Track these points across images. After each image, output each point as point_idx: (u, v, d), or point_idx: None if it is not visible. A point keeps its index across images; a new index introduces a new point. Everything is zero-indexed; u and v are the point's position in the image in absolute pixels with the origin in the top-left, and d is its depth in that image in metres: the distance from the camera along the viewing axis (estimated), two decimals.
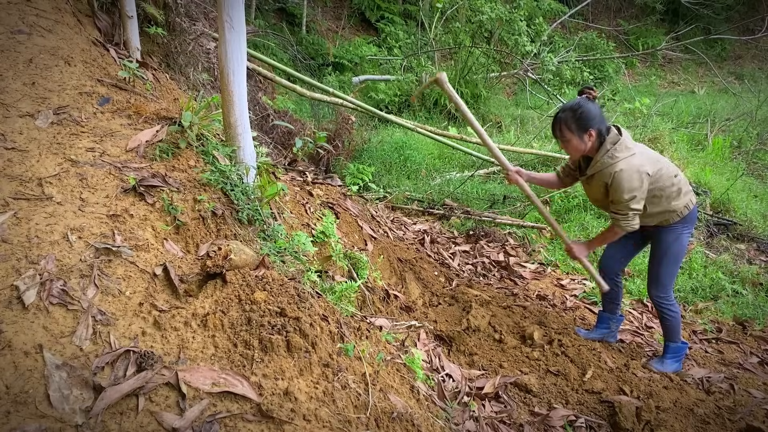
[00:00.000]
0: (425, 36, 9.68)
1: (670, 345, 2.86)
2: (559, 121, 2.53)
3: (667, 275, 2.73)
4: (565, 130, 2.52)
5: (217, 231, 2.11)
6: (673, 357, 2.86)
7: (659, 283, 2.75)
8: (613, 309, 3.09)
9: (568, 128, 2.50)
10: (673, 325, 2.81)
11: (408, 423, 1.76)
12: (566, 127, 2.51)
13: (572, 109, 2.50)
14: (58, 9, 2.80)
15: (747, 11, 13.50)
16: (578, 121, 2.47)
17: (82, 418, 1.22)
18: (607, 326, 3.09)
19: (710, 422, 2.41)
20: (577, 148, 2.54)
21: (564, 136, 2.53)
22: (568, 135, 2.52)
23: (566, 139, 2.54)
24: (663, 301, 2.77)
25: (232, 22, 2.18)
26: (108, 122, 2.28)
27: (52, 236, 1.63)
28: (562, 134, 2.54)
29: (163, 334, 1.53)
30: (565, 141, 2.55)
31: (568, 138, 2.53)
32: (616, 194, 2.49)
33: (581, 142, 2.51)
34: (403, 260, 3.67)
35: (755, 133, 7.34)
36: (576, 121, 2.48)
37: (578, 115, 2.47)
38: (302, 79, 5.19)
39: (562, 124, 2.52)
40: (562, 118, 2.52)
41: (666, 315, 2.79)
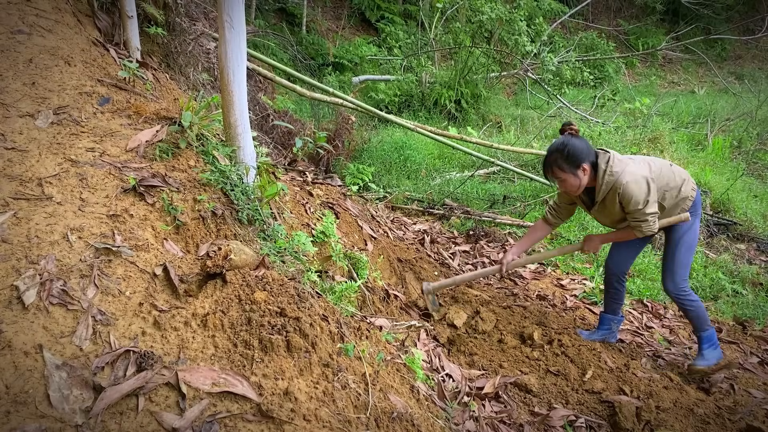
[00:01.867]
0: (425, 36, 9.69)
1: (702, 335, 2.82)
2: (550, 165, 2.56)
3: (682, 265, 2.74)
4: (558, 171, 2.55)
5: (217, 231, 2.11)
6: (709, 346, 2.82)
7: (675, 275, 2.74)
8: (615, 310, 3.09)
9: (560, 169, 2.54)
10: (699, 314, 2.78)
11: (408, 423, 1.76)
12: (558, 168, 2.54)
13: (559, 149, 2.53)
14: (58, 9, 2.79)
15: (747, 11, 13.50)
16: (568, 160, 2.51)
17: (82, 418, 1.22)
18: (608, 327, 3.09)
19: (710, 422, 2.41)
20: (575, 184, 2.56)
21: (558, 176, 2.57)
22: (562, 175, 2.55)
23: (562, 179, 2.57)
24: (681, 293, 2.76)
25: (232, 22, 2.18)
26: (108, 122, 2.28)
27: (52, 236, 1.63)
28: (556, 176, 2.57)
29: (163, 334, 1.53)
30: (561, 181, 2.58)
31: (563, 178, 2.56)
32: (631, 205, 2.51)
33: (577, 179, 2.54)
34: (403, 260, 3.67)
35: (755, 133, 7.35)
36: (566, 160, 2.51)
37: (566, 153, 2.50)
38: (302, 79, 5.19)
39: (554, 167, 2.55)
40: (552, 161, 2.55)
41: (688, 307, 2.77)
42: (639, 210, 2.51)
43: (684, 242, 2.71)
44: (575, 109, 8.21)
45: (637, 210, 2.51)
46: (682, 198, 2.65)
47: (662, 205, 2.62)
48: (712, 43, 12.87)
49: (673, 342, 3.36)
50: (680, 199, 2.65)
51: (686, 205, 2.67)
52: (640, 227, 2.58)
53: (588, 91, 10.05)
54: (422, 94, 8.27)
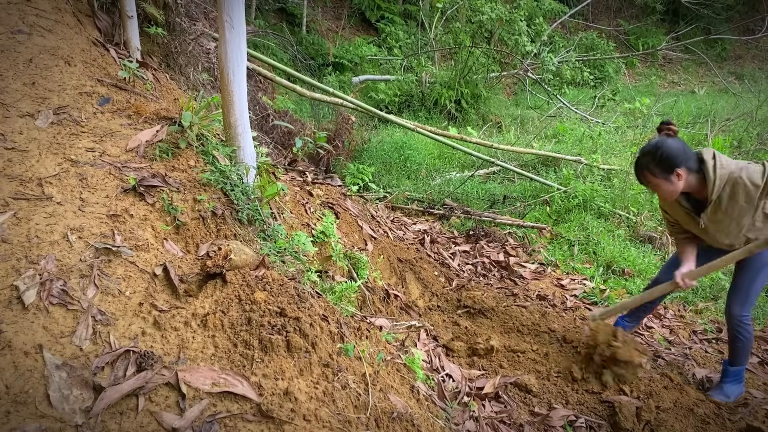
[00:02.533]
0: (425, 36, 9.69)
1: (732, 369, 2.62)
2: (641, 168, 2.31)
3: (755, 294, 2.49)
4: (650, 177, 2.29)
5: (217, 231, 2.11)
6: (734, 380, 2.64)
7: (745, 301, 2.49)
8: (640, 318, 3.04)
9: (652, 174, 2.27)
10: (747, 348, 2.56)
11: (408, 423, 1.76)
12: (650, 173, 2.28)
13: (651, 152, 2.26)
14: (58, 9, 2.79)
15: (747, 11, 13.50)
16: (661, 164, 2.24)
17: (82, 418, 1.22)
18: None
19: (710, 422, 2.41)
20: (669, 190, 2.30)
21: (651, 182, 2.31)
22: (654, 180, 2.29)
23: (654, 184, 2.31)
24: (744, 320, 2.52)
25: (232, 22, 2.18)
26: (108, 122, 2.28)
27: (52, 236, 1.63)
28: (648, 181, 2.32)
29: (163, 334, 1.53)
30: (654, 186, 2.32)
31: (655, 183, 2.29)
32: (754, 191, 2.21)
33: (671, 184, 2.27)
34: (403, 260, 3.67)
35: (755, 133, 7.34)
36: (659, 164, 2.24)
37: (659, 157, 2.23)
38: (302, 79, 5.20)
39: (646, 171, 2.29)
40: (643, 164, 2.29)
41: (742, 336, 2.55)
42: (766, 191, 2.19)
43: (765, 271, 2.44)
44: (575, 109, 8.21)
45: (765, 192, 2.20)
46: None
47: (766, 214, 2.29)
48: (712, 43, 12.87)
49: (673, 342, 3.36)
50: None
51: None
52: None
53: (588, 91, 10.06)
54: (422, 94, 8.27)
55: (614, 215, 5.10)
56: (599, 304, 3.81)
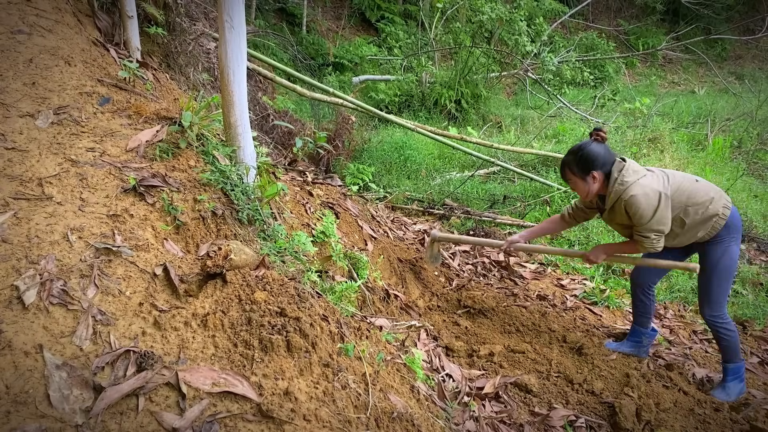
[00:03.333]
0: (425, 36, 9.69)
1: (729, 367, 2.67)
2: (564, 164, 2.58)
3: (720, 292, 2.59)
4: (568, 173, 2.57)
5: (217, 231, 2.11)
6: (734, 379, 2.68)
7: (711, 301, 2.60)
8: (644, 322, 2.97)
9: (571, 171, 2.55)
10: (732, 345, 2.64)
11: (408, 423, 1.76)
12: (569, 170, 2.56)
13: (574, 152, 2.54)
14: (58, 9, 2.80)
15: (747, 11, 13.50)
16: (580, 164, 2.50)
17: (82, 418, 1.22)
18: (639, 339, 2.97)
19: (710, 422, 2.41)
20: (583, 189, 2.56)
21: (570, 179, 2.59)
22: (573, 178, 2.57)
23: (571, 181, 2.59)
24: (717, 320, 2.61)
25: (232, 22, 2.18)
26: (108, 122, 2.28)
27: (52, 236, 1.63)
28: (568, 178, 2.60)
29: (163, 334, 1.53)
30: (571, 182, 2.60)
31: (573, 180, 2.58)
32: (636, 218, 2.45)
33: (586, 184, 2.54)
34: (403, 260, 3.67)
35: (755, 133, 7.34)
36: (577, 163, 2.51)
37: (579, 157, 2.50)
38: (302, 79, 5.19)
39: (566, 167, 2.57)
40: (566, 162, 2.57)
41: (723, 335, 2.63)
42: (643, 224, 2.45)
43: (720, 267, 2.55)
44: (575, 109, 8.21)
45: (642, 224, 2.45)
46: (710, 215, 2.48)
47: (684, 220, 2.50)
48: (712, 43, 12.87)
49: (673, 342, 3.36)
50: (707, 217, 2.48)
51: (718, 224, 2.49)
52: (642, 243, 2.52)
53: (588, 91, 10.05)
54: (422, 94, 8.27)
55: None
56: (599, 304, 3.81)
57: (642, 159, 6.17)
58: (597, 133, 2.57)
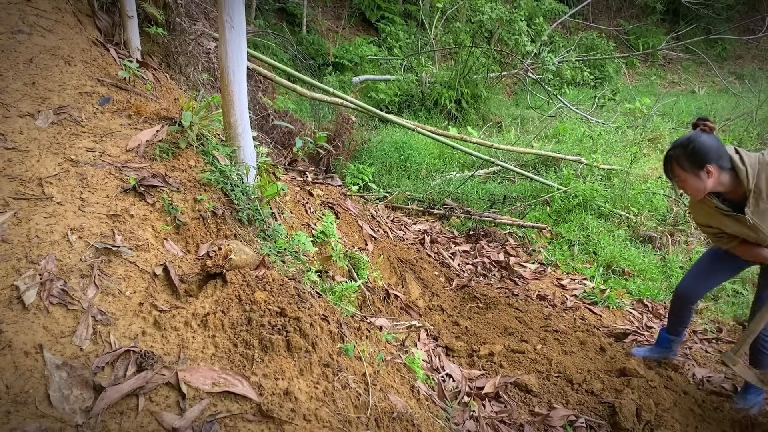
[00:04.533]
0: (425, 36, 9.69)
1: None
2: (670, 159, 2.22)
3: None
4: (677, 169, 2.19)
5: (217, 231, 2.11)
6: (756, 391, 2.57)
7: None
8: (680, 332, 2.85)
9: (680, 167, 2.18)
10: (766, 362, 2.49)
11: (408, 423, 1.76)
12: (678, 165, 2.18)
13: (683, 145, 2.17)
14: (58, 9, 2.79)
15: (747, 11, 13.49)
16: (691, 158, 2.14)
17: (82, 418, 1.22)
18: (668, 347, 2.87)
19: (710, 422, 2.41)
20: (696, 187, 2.19)
21: (678, 175, 2.21)
22: (682, 174, 2.19)
23: (681, 179, 2.21)
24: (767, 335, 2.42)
25: (233, 22, 2.18)
26: (108, 122, 2.28)
27: (52, 236, 1.63)
28: (675, 174, 2.22)
29: (163, 334, 1.53)
30: (681, 181, 2.22)
31: (683, 177, 2.20)
32: None
33: (699, 181, 2.16)
34: (403, 260, 3.67)
35: (755, 133, 7.34)
36: (688, 158, 2.14)
37: (690, 150, 2.14)
38: (302, 79, 5.20)
39: (674, 163, 2.20)
40: (673, 156, 2.20)
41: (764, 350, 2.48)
42: None
43: None
44: (575, 109, 8.21)
45: None
46: None
47: None
48: (712, 43, 12.86)
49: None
50: None
51: None
52: None
53: (588, 91, 10.05)
54: (422, 94, 8.27)
55: (614, 215, 5.10)
56: (599, 304, 3.81)
57: (642, 159, 6.17)
58: (704, 123, 2.21)
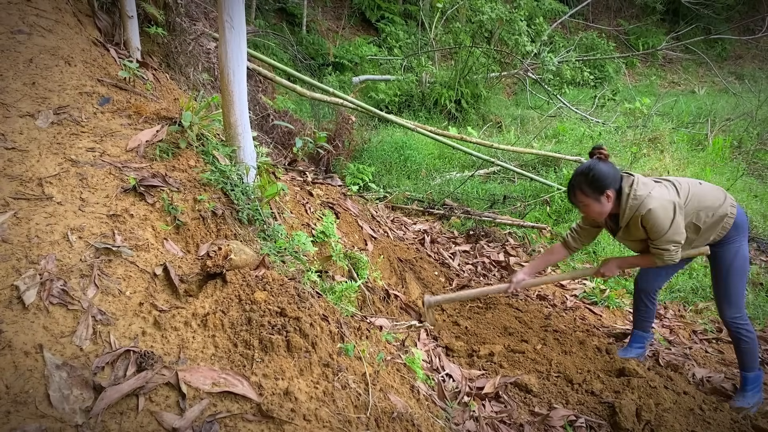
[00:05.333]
0: (425, 36, 9.69)
1: (749, 376, 2.61)
2: (573, 187, 2.46)
3: (738, 293, 2.53)
4: (581, 196, 2.44)
5: (217, 231, 2.11)
6: (753, 388, 2.61)
7: (731, 302, 2.54)
8: (647, 327, 2.96)
9: (583, 193, 2.42)
10: (752, 350, 2.58)
11: (408, 423, 1.76)
12: (581, 192, 2.43)
13: (584, 173, 2.41)
14: (58, 9, 2.80)
15: (747, 11, 13.50)
16: (592, 185, 2.39)
17: (82, 418, 1.22)
18: (642, 345, 2.96)
19: (711, 422, 2.41)
20: (598, 211, 2.45)
21: (581, 201, 2.46)
22: (585, 200, 2.44)
23: (585, 204, 2.46)
24: (738, 321, 2.55)
25: (233, 22, 2.18)
26: (108, 122, 2.28)
27: (52, 236, 1.63)
28: (578, 200, 2.46)
29: (163, 334, 1.53)
30: (585, 206, 2.47)
31: (586, 203, 2.44)
32: (654, 232, 2.38)
33: (600, 205, 2.42)
34: (403, 260, 3.67)
35: (755, 133, 7.34)
36: (590, 185, 2.39)
37: (590, 178, 2.39)
38: (302, 79, 5.20)
39: (577, 191, 2.44)
40: (575, 184, 2.44)
41: (743, 337, 2.56)
42: (662, 237, 2.38)
43: (734, 267, 2.51)
44: (575, 109, 8.21)
45: (659, 237, 2.38)
46: (720, 216, 2.45)
47: (697, 225, 2.45)
48: (712, 43, 12.87)
49: (673, 342, 3.36)
50: (718, 218, 2.45)
51: (727, 224, 2.47)
52: (662, 256, 2.45)
53: (588, 91, 10.06)
54: (422, 94, 8.27)
55: None
56: (599, 303, 3.82)
57: (642, 159, 6.18)
58: (599, 152, 2.46)
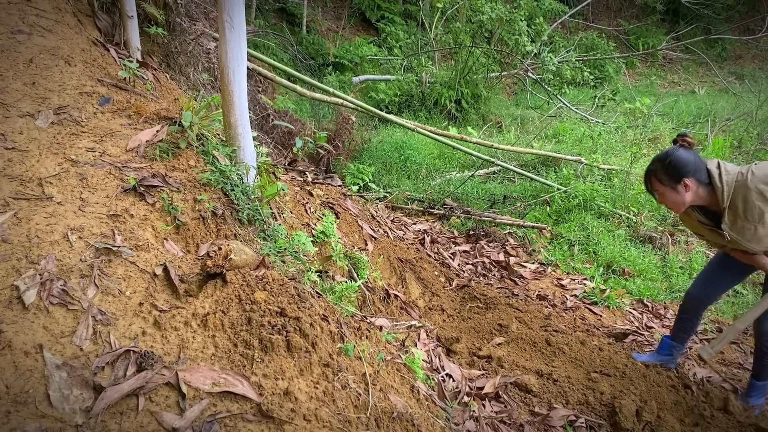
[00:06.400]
0: (425, 36, 9.69)
1: (757, 384, 2.59)
2: (649, 173, 2.32)
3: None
4: (656, 183, 2.30)
5: (217, 231, 2.11)
6: (758, 395, 2.61)
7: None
8: (684, 339, 2.84)
9: (659, 181, 2.28)
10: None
11: (408, 423, 1.76)
12: (657, 179, 2.28)
13: (660, 160, 2.28)
14: (58, 9, 2.80)
15: (747, 11, 13.49)
16: (668, 171, 2.23)
17: (82, 418, 1.22)
18: (669, 353, 2.84)
19: (711, 423, 2.41)
20: (675, 201, 2.28)
21: (657, 189, 2.31)
22: (660, 188, 2.29)
23: (660, 193, 2.31)
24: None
25: (233, 22, 2.18)
26: (108, 122, 2.28)
27: (52, 236, 1.63)
28: (654, 188, 2.32)
29: (163, 334, 1.53)
30: (660, 194, 2.32)
31: (661, 191, 2.30)
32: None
33: (677, 194, 2.25)
34: (403, 260, 3.67)
35: (755, 133, 7.34)
36: (666, 171, 2.24)
37: (667, 164, 2.24)
38: (302, 79, 5.20)
39: (653, 177, 2.30)
40: (652, 171, 2.30)
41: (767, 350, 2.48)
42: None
43: None
44: (575, 109, 8.21)
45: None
46: None
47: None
48: (712, 43, 12.86)
49: None
50: None
51: None
52: None
53: (588, 91, 10.05)
54: (422, 94, 8.27)
55: (614, 215, 5.10)
56: (599, 304, 3.81)
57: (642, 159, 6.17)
58: (683, 139, 2.30)
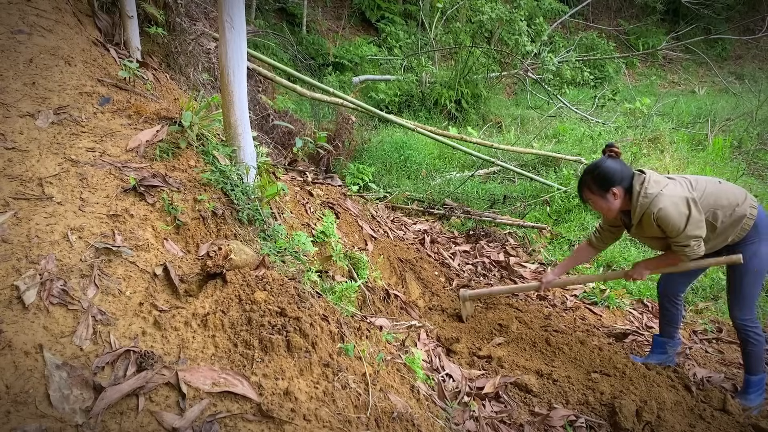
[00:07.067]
0: (425, 36, 9.69)
1: (752, 379, 2.60)
2: (581, 184, 2.53)
3: (751, 295, 2.52)
4: (587, 193, 2.52)
5: (217, 231, 2.11)
6: (756, 391, 2.61)
7: (743, 304, 2.52)
8: (671, 333, 2.91)
9: (590, 190, 2.49)
10: (758, 353, 2.55)
11: (408, 423, 1.76)
12: (588, 189, 2.50)
13: (590, 171, 2.49)
14: (59, 9, 2.80)
15: (747, 11, 13.49)
16: (598, 181, 2.45)
17: (82, 418, 1.22)
18: (663, 350, 2.90)
19: (711, 422, 2.41)
20: (606, 207, 2.50)
21: (589, 198, 2.53)
22: (591, 197, 2.51)
23: (591, 201, 2.53)
24: (748, 323, 2.53)
25: (233, 22, 2.18)
26: (108, 122, 2.28)
27: (53, 236, 1.63)
28: (586, 197, 2.54)
29: (163, 334, 1.53)
30: (591, 202, 2.55)
31: (593, 200, 2.52)
32: (670, 229, 2.36)
33: (607, 202, 2.47)
34: (403, 260, 3.67)
35: (755, 133, 7.34)
36: (595, 181, 2.45)
37: (596, 175, 2.45)
38: (302, 79, 5.20)
39: (584, 187, 2.52)
40: (583, 182, 2.52)
41: (751, 340, 2.54)
42: (681, 234, 2.35)
43: (751, 269, 2.47)
44: (575, 109, 8.21)
45: (679, 235, 2.36)
46: (738, 216, 2.41)
47: (714, 224, 2.43)
48: (712, 43, 12.86)
49: None
50: (737, 218, 2.41)
51: (747, 224, 2.43)
52: (684, 252, 2.42)
53: (588, 91, 10.06)
54: (422, 94, 8.27)
55: None
56: (599, 304, 3.82)
57: (642, 159, 6.17)
58: (610, 149, 2.50)
